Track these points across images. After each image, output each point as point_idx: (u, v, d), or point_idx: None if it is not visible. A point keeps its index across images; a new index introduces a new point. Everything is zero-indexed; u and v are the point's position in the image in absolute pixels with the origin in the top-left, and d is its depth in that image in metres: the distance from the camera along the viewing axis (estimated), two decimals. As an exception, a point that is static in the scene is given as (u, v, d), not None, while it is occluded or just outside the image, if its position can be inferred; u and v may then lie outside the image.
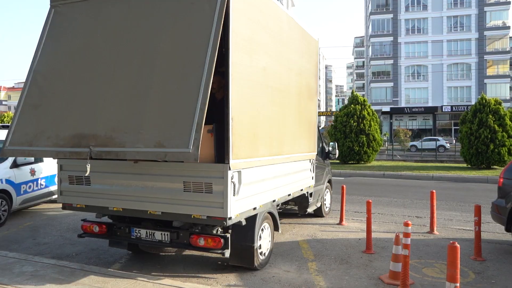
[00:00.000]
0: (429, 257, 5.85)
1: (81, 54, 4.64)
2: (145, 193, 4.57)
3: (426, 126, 54.54)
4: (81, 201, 4.98)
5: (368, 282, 4.83)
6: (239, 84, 4.36)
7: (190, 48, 4.09)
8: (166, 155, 3.78)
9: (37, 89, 4.68)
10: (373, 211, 8.76)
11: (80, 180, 4.93)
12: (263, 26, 5.01)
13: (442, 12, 54.18)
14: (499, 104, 19.18)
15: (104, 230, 5.10)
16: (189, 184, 4.36)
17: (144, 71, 4.21)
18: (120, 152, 4.00)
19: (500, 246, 6.47)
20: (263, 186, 5.09)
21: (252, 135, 4.69)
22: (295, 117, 6.24)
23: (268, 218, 5.46)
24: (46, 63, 4.78)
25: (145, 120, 4.00)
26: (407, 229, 4.63)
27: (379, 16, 56.70)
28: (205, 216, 4.30)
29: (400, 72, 55.22)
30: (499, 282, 4.87)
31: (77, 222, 8.08)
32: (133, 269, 5.26)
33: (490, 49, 54.09)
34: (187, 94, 3.88)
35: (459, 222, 8.30)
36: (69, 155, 4.29)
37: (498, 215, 6.35)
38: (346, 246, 6.37)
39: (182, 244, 4.75)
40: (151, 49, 4.29)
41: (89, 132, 4.19)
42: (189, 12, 4.24)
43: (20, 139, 4.51)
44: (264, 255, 5.31)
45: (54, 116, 4.48)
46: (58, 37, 4.85)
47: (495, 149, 18.26)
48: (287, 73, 5.88)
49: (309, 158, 7.13)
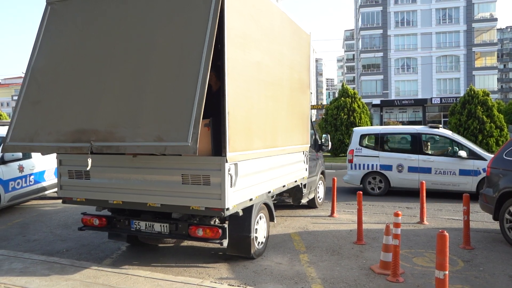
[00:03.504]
0: (419, 246, 5.92)
1: (79, 50, 4.69)
2: (144, 186, 4.65)
3: (416, 118, 54.97)
4: (81, 195, 5.06)
5: (359, 272, 4.87)
6: (235, 79, 4.45)
7: (186, 44, 4.15)
8: (166, 148, 3.88)
9: (36, 86, 4.73)
10: (364, 203, 8.83)
11: (79, 174, 5.01)
12: (256, 21, 5.07)
13: (430, 5, 54.44)
14: (487, 96, 19.40)
15: (104, 223, 5.18)
16: (187, 177, 4.46)
17: (142, 67, 4.28)
18: (121, 147, 4.09)
19: (488, 235, 6.58)
20: (258, 177, 5.21)
21: (247, 128, 4.80)
22: (287, 110, 6.31)
23: (264, 208, 5.59)
24: (44, 60, 4.83)
25: (144, 115, 4.08)
26: (397, 220, 4.68)
27: (368, 9, 56.76)
28: (203, 208, 4.42)
29: (390, 64, 55.47)
30: (487, 270, 4.95)
31: (67, 218, 8.02)
32: (124, 264, 5.24)
33: (478, 41, 54.55)
34: (185, 89, 3.96)
35: (448, 212, 8.41)
36: (70, 150, 4.37)
37: (486, 204, 6.44)
38: (338, 238, 6.41)
39: (181, 235, 4.87)
40: (148, 45, 4.35)
41: (89, 127, 4.28)
42: (185, 8, 4.30)
43: (21, 135, 4.58)
44: (260, 245, 5.44)
45: (54, 112, 4.54)
46: (55, 34, 4.89)
47: (484, 139, 18.49)
48: (279, 67, 5.94)
49: (302, 150, 7.23)
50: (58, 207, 9.27)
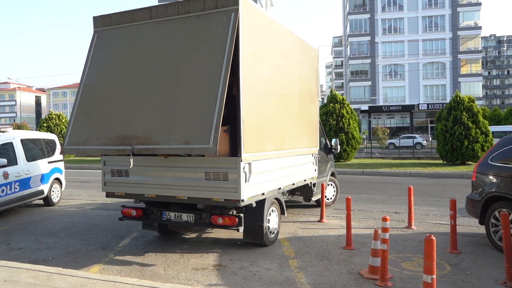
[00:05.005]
0: (407, 251, 5.97)
1: (121, 70, 5.71)
2: (174, 182, 5.57)
3: (404, 124, 55.66)
4: (121, 190, 6.01)
5: (348, 277, 4.89)
6: (248, 93, 5.31)
7: (208, 66, 5.02)
8: (192, 150, 4.79)
9: (86, 100, 5.77)
10: (353, 208, 8.88)
11: (120, 172, 5.97)
12: (267, 43, 6.00)
13: (417, 12, 55.41)
14: (473, 102, 19.72)
15: (140, 214, 6.10)
16: (209, 174, 5.35)
17: (172, 84, 5.22)
18: (156, 149, 5.02)
19: (475, 239, 6.66)
20: (269, 175, 6.06)
21: (259, 133, 5.67)
22: (296, 117, 7.19)
23: (275, 203, 6.47)
24: (92, 78, 5.86)
25: (174, 123, 4.99)
26: (386, 224, 4.71)
27: (356, 16, 57.51)
28: (222, 199, 5.29)
29: (378, 71, 56.17)
30: (473, 273, 5.01)
31: (53, 226, 7.89)
32: (112, 272, 5.17)
33: (463, 48, 55.65)
34: (207, 102, 4.83)
35: (435, 216, 8.50)
36: (115, 151, 5.34)
37: (472, 208, 6.53)
38: (327, 243, 6.43)
39: (204, 223, 5.71)
40: (177, 66, 5.28)
41: (131, 133, 5.22)
42: (207, 35, 5.20)
43: (75, 140, 5.58)
44: (272, 234, 6.31)
45: (101, 121, 5.52)
46: (101, 57, 5.94)
47: (469, 145, 18.78)
48: (288, 80, 6.85)
49: (311, 153, 8.02)
50: (44, 215, 9.12)
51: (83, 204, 10.48)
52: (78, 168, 23.02)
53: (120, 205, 6.42)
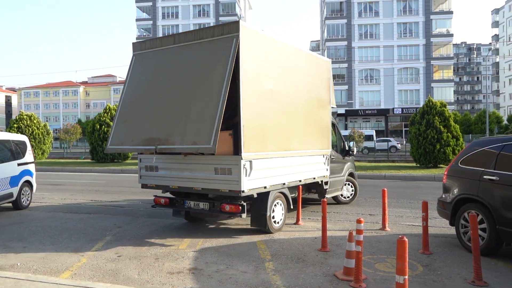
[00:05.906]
0: (381, 252, 6.08)
1: (151, 86, 7.07)
2: (191, 175, 6.86)
3: (379, 127, 56.78)
4: (153, 182, 7.41)
5: (324, 279, 4.93)
6: (248, 103, 6.34)
7: (213, 81, 6.17)
8: (198, 149, 5.98)
9: (124, 110, 7.21)
10: (329, 210, 8.99)
11: (151, 168, 7.37)
12: (270, 59, 7.01)
13: (392, 19, 56.77)
14: (444, 107, 20.35)
15: (167, 202, 7.40)
16: (217, 169, 6.55)
17: (187, 96, 6.44)
18: (172, 148, 6.31)
19: (446, 240, 6.85)
20: (272, 172, 7.04)
21: (261, 136, 6.67)
22: (302, 122, 8.03)
23: (281, 197, 7.43)
24: (130, 92, 7.29)
25: (187, 128, 6.19)
26: (360, 226, 4.78)
27: (333, 21, 58.41)
28: (227, 190, 6.46)
29: (354, 75, 57.16)
30: (444, 273, 5.15)
31: (23, 231, 7.64)
32: (84, 276, 5.04)
33: (436, 54, 57.37)
34: (210, 111, 5.96)
35: (409, 218, 8.69)
36: (144, 151, 6.92)
37: (443, 210, 6.72)
38: (303, 245, 6.47)
39: (216, 211, 6.84)
40: (192, 81, 6.50)
41: (155, 136, 6.52)
42: (214, 57, 6.35)
43: (116, 141, 7.01)
44: (277, 223, 7.31)
45: (135, 127, 6.92)
46: (137, 75, 7.36)
47: (441, 148, 19.35)
48: (294, 90, 7.74)
49: (322, 154, 8.78)
50: (13, 219, 8.82)
51: (55, 208, 10.19)
52: (50, 170, 22.36)
53: (153, 195, 7.74)
